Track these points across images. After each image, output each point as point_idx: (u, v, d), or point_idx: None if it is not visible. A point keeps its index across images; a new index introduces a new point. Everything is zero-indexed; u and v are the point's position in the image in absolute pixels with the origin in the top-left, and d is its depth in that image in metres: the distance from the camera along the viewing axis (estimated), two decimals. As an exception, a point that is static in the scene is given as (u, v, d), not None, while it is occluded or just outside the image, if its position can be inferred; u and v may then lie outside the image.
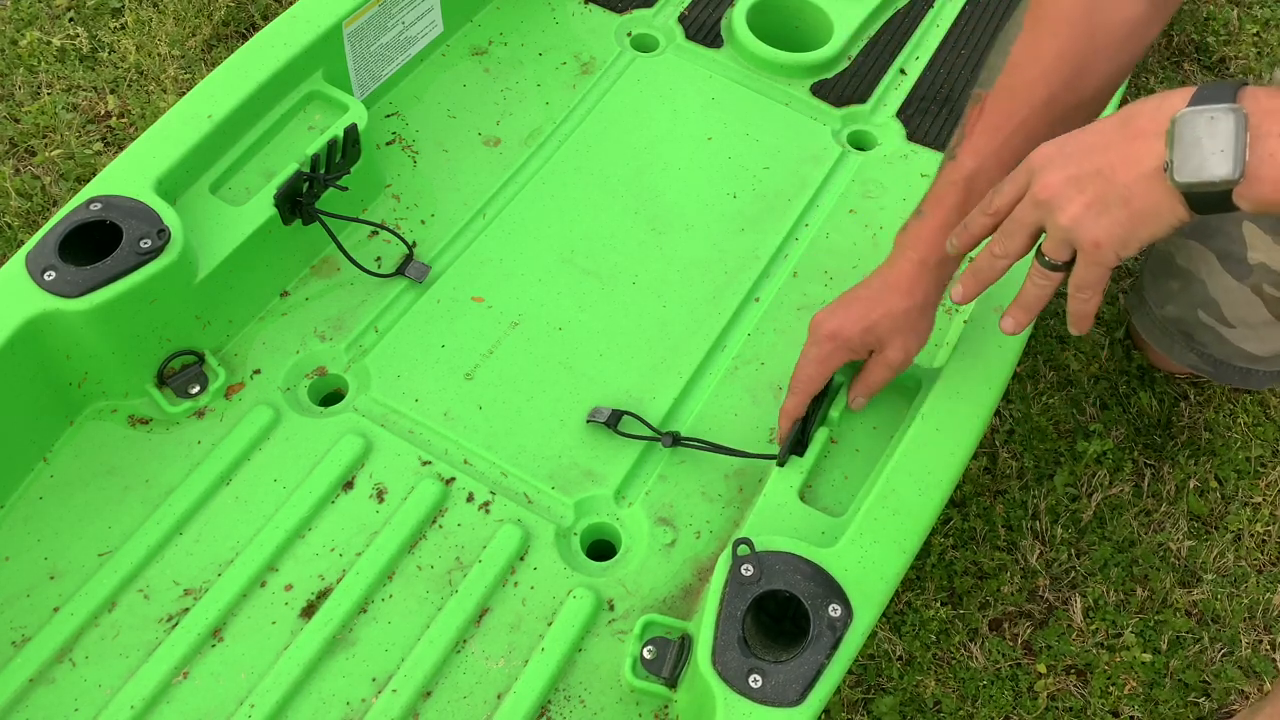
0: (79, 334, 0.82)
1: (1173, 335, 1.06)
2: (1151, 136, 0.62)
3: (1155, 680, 0.99)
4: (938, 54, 1.18)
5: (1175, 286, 1.04)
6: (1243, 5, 1.54)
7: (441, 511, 0.84)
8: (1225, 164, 0.58)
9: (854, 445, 0.84)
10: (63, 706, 0.74)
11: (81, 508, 0.83)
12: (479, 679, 0.77)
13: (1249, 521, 1.08)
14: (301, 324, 0.94)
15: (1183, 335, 1.05)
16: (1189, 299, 1.02)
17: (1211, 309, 1.01)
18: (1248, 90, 0.60)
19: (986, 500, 1.08)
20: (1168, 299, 1.05)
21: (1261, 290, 0.97)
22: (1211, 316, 1.01)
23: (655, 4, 1.20)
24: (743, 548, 0.72)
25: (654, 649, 0.75)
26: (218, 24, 1.44)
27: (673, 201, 1.04)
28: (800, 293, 0.99)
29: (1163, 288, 1.06)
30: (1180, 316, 1.04)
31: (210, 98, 0.92)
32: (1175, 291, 1.04)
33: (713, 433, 0.90)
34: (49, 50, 1.39)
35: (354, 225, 0.98)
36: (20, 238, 1.23)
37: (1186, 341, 1.05)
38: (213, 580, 0.80)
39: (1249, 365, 1.03)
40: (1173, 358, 1.08)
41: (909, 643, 0.99)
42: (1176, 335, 1.06)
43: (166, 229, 0.83)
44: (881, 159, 1.09)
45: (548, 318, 0.96)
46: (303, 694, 0.76)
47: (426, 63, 1.12)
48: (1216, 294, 1.00)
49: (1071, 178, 0.65)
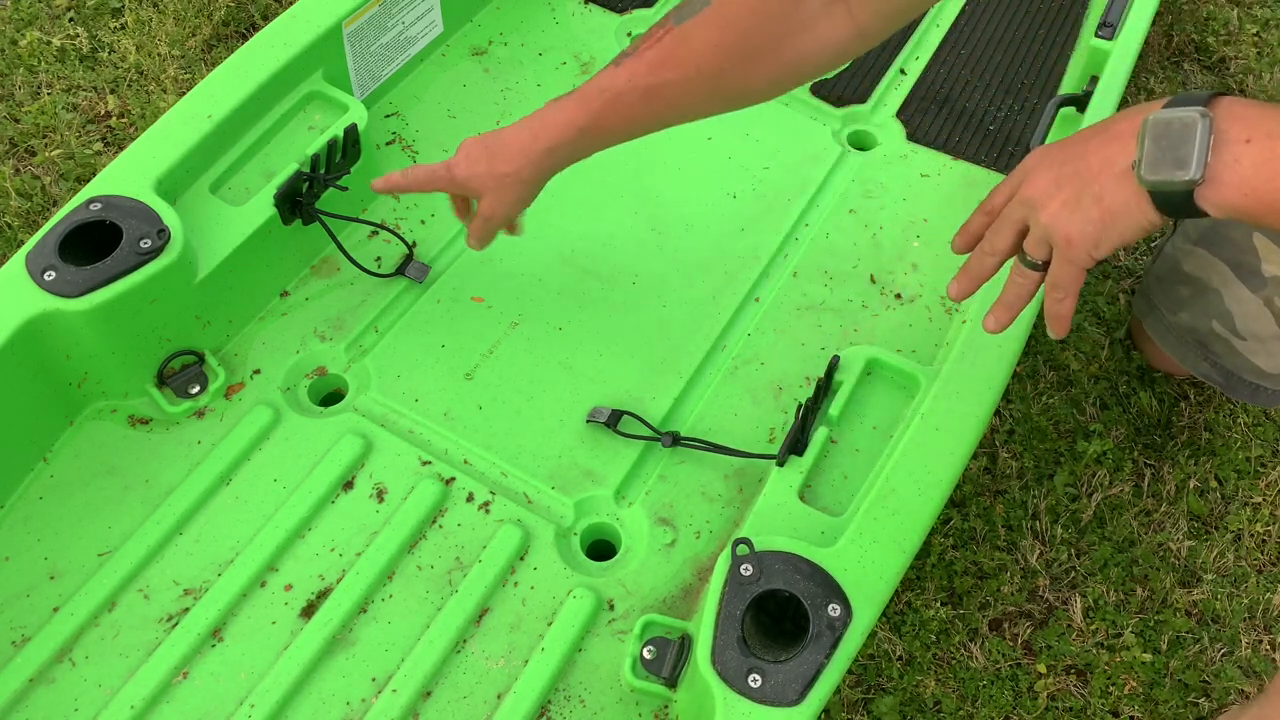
0: (79, 334, 0.82)
1: (1187, 343, 1.06)
2: (1128, 136, 0.64)
3: (1155, 680, 0.99)
4: (938, 54, 1.18)
5: (1186, 293, 1.04)
6: (1243, 5, 1.54)
7: (441, 511, 0.84)
8: (1188, 165, 0.60)
9: (854, 445, 0.84)
10: (63, 706, 0.74)
11: (81, 508, 0.83)
12: (479, 679, 0.77)
13: (1249, 521, 1.08)
14: (301, 324, 0.94)
15: (1197, 344, 1.05)
16: (1204, 308, 1.02)
17: (1225, 320, 1.01)
18: (1223, 98, 0.62)
19: (986, 500, 1.08)
20: (1180, 306, 1.05)
21: (1273, 304, 0.97)
22: (1225, 328, 1.01)
23: (655, 4, 1.20)
24: (742, 548, 0.72)
25: (654, 649, 0.75)
26: (218, 24, 1.44)
27: (673, 201, 1.04)
28: (800, 293, 0.99)
29: (1172, 294, 1.06)
30: (1194, 325, 1.04)
31: (210, 98, 0.92)
32: (1187, 299, 1.04)
33: (713, 433, 0.90)
34: (49, 50, 1.39)
35: (354, 225, 0.99)
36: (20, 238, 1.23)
37: (1201, 350, 1.05)
38: (213, 580, 0.80)
39: (1258, 381, 1.03)
40: (1186, 365, 1.08)
41: (909, 643, 0.99)
42: (1191, 343, 1.06)
43: (166, 229, 0.83)
44: (881, 159, 1.09)
45: (548, 318, 0.96)
46: (303, 694, 0.76)
47: (426, 63, 1.12)
48: (1231, 305, 1.00)
49: (1055, 178, 0.67)
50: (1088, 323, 1.21)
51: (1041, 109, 1.13)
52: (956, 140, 1.10)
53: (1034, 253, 0.69)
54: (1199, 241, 1.02)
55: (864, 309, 0.97)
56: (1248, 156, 0.60)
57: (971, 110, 1.13)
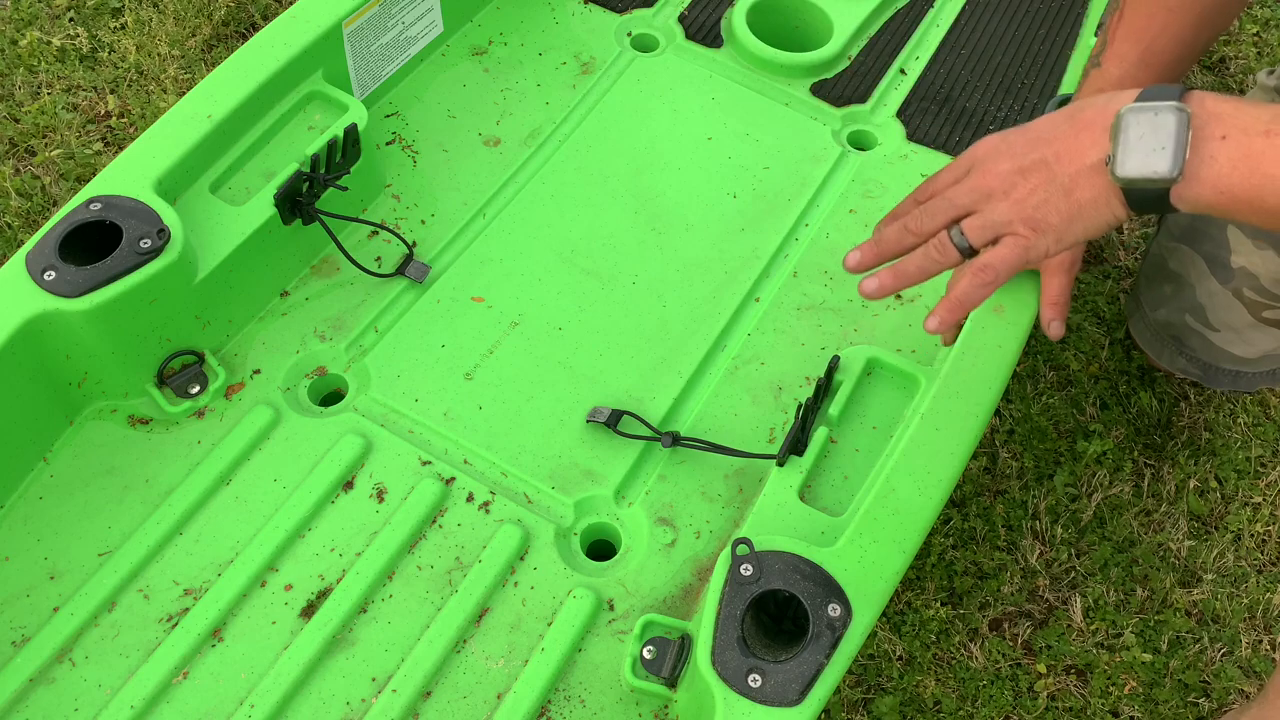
0: (79, 334, 0.82)
1: (1164, 340, 1.07)
2: (1098, 129, 0.62)
3: (1155, 680, 0.99)
4: (938, 54, 1.18)
5: (1168, 291, 1.04)
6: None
7: (441, 511, 0.84)
8: (1164, 161, 0.59)
9: (854, 445, 0.84)
10: (63, 706, 0.74)
11: (81, 508, 0.83)
12: (479, 679, 0.77)
13: (1249, 521, 1.08)
14: (301, 324, 0.94)
15: (1173, 339, 1.05)
16: (1179, 303, 1.03)
17: (1198, 313, 1.01)
18: (1195, 93, 0.60)
19: (986, 500, 1.08)
20: (1160, 303, 1.06)
21: (1242, 294, 0.97)
22: (1198, 321, 1.01)
23: (655, 4, 1.20)
24: (742, 547, 0.72)
25: (654, 649, 0.75)
26: (218, 24, 1.44)
27: (673, 201, 1.04)
28: (800, 293, 0.99)
29: (1156, 292, 1.06)
30: (1170, 321, 1.04)
31: (210, 98, 0.92)
32: (1168, 296, 1.04)
33: (712, 432, 0.90)
34: (49, 50, 1.39)
35: (354, 225, 0.99)
36: (20, 238, 1.23)
37: (1177, 346, 1.05)
38: (213, 580, 0.80)
39: (1237, 368, 1.03)
40: (1164, 362, 1.08)
41: (909, 643, 0.99)
42: (1167, 339, 1.06)
43: (166, 229, 0.83)
44: (881, 159, 1.09)
45: (548, 318, 0.96)
46: (303, 694, 0.76)
47: (426, 63, 1.12)
48: (1203, 298, 1.00)
49: (1018, 168, 0.65)
50: (1088, 323, 1.21)
51: (1041, 109, 1.13)
52: (957, 140, 1.10)
53: (975, 238, 0.67)
54: (1181, 238, 1.02)
55: (864, 309, 0.97)
56: (1223, 153, 0.59)
57: (971, 110, 1.13)
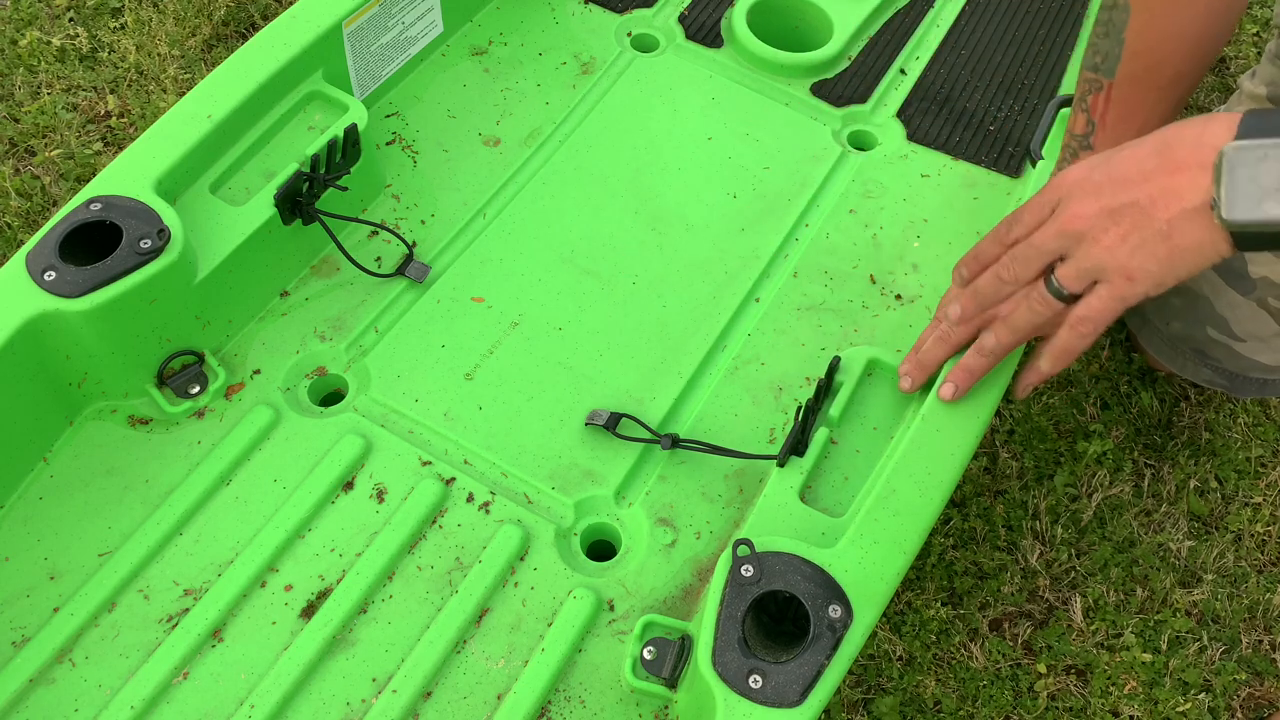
0: (79, 334, 0.82)
1: (1183, 352, 1.06)
2: (1194, 169, 0.59)
3: (1155, 680, 0.99)
4: (938, 54, 1.18)
5: (1178, 304, 1.03)
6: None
7: (441, 512, 0.84)
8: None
9: (854, 446, 0.84)
10: (63, 706, 0.74)
11: (81, 508, 0.83)
12: (479, 679, 0.77)
13: (1249, 522, 1.08)
14: (301, 324, 0.94)
15: (1194, 352, 1.05)
16: (1196, 316, 1.02)
17: (1220, 325, 1.00)
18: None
19: (986, 500, 1.08)
20: (1172, 316, 1.05)
21: (1267, 304, 0.96)
22: (1221, 333, 1.00)
23: (655, 4, 1.20)
24: (742, 548, 0.72)
25: (654, 649, 0.75)
26: (218, 24, 1.44)
27: (673, 201, 1.04)
28: (800, 293, 0.99)
29: (1165, 304, 1.06)
30: (1189, 334, 1.04)
31: (210, 98, 0.92)
32: (1179, 308, 1.03)
33: (712, 433, 0.90)
34: (49, 50, 1.39)
35: (354, 225, 0.98)
36: (20, 238, 1.23)
37: (1199, 358, 1.04)
38: (213, 580, 0.80)
39: (1265, 376, 1.03)
40: (1186, 374, 1.07)
41: (909, 643, 0.99)
42: (1187, 352, 1.05)
43: (166, 229, 0.83)
44: (882, 159, 1.09)
45: (548, 318, 0.96)
46: (303, 694, 0.76)
47: (426, 63, 1.12)
48: (1224, 310, 0.99)
49: (1106, 209, 0.62)
50: (1088, 323, 1.21)
51: (1042, 109, 1.13)
52: (957, 140, 1.10)
53: (1071, 285, 0.65)
54: None
55: (864, 309, 0.97)
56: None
57: (972, 110, 1.13)
